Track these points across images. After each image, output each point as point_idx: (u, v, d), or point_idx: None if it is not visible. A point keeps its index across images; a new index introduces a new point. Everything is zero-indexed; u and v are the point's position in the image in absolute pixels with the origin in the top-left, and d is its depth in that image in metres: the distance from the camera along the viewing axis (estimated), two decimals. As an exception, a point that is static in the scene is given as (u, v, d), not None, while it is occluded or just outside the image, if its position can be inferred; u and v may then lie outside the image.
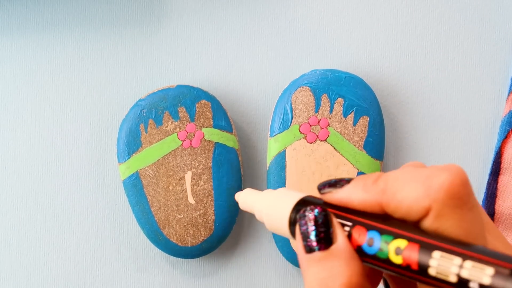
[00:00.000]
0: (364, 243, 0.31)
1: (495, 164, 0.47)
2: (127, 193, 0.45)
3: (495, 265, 0.27)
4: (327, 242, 0.32)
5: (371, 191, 0.32)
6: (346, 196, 0.32)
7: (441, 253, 0.29)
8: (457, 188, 0.29)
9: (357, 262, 0.31)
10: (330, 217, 0.33)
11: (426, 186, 0.30)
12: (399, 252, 0.30)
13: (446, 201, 0.29)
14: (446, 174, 0.29)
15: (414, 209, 0.30)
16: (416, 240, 0.29)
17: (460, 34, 0.49)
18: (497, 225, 0.47)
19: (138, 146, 0.45)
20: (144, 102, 0.45)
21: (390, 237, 0.30)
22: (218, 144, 0.46)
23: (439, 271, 0.29)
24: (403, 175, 0.31)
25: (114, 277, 0.48)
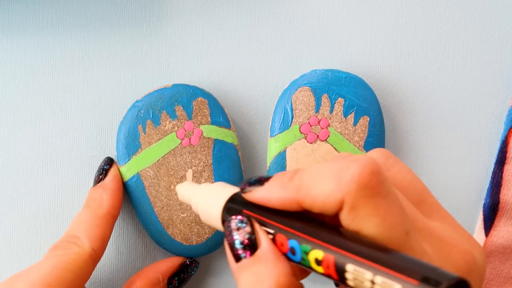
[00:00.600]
0: (287, 251, 0.32)
1: (500, 153, 0.48)
2: (129, 195, 0.45)
3: (401, 281, 0.27)
4: (252, 248, 0.33)
5: (287, 189, 0.32)
6: (265, 195, 0.33)
7: (354, 266, 0.29)
8: (367, 178, 0.29)
9: (283, 264, 0.32)
10: (252, 223, 0.33)
11: (337, 180, 0.30)
12: (318, 263, 0.30)
13: (357, 193, 0.29)
14: (355, 166, 0.30)
15: (328, 204, 0.30)
16: (330, 251, 0.30)
17: (460, 34, 0.49)
18: (502, 214, 0.48)
19: (137, 147, 0.45)
20: (141, 103, 0.45)
21: (308, 247, 0.30)
22: (217, 140, 0.46)
23: (356, 284, 0.29)
24: (316, 170, 0.31)
25: (114, 277, 0.48)
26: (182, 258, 0.46)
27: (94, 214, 0.41)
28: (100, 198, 0.42)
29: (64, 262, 0.38)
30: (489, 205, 0.48)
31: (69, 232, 0.41)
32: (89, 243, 0.40)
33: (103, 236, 0.41)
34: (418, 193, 0.34)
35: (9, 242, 0.47)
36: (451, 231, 0.33)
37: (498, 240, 0.48)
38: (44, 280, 0.37)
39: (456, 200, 0.49)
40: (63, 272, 0.38)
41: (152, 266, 0.45)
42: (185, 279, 0.46)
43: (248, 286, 0.32)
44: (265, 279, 0.31)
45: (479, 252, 0.33)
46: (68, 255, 0.39)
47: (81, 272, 0.38)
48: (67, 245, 0.40)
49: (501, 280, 0.48)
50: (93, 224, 0.41)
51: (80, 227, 0.41)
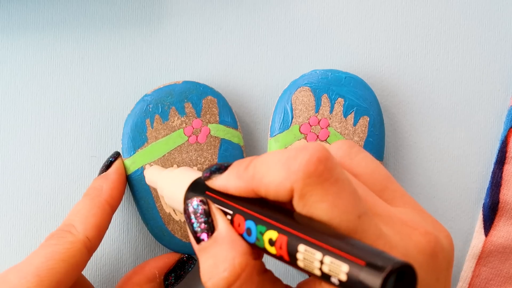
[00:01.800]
0: (243, 232, 0.32)
1: (500, 153, 0.48)
2: (131, 188, 0.45)
3: (350, 262, 0.27)
4: (210, 230, 0.34)
5: (243, 178, 0.33)
6: (224, 183, 0.34)
7: (305, 246, 0.29)
8: (314, 165, 0.30)
9: (239, 244, 0.32)
10: (209, 206, 0.34)
11: (286, 168, 0.30)
12: (271, 243, 0.31)
13: (304, 180, 0.30)
14: (303, 153, 0.30)
15: (280, 192, 0.31)
16: (284, 232, 0.30)
17: (460, 34, 0.49)
18: (502, 214, 0.48)
19: (144, 141, 0.45)
20: (150, 97, 0.45)
21: (264, 227, 0.31)
22: (224, 140, 0.46)
23: (306, 265, 0.29)
24: (268, 158, 0.32)
25: (114, 276, 0.48)
26: (179, 254, 0.46)
27: (92, 203, 0.41)
28: (100, 187, 0.42)
29: (57, 252, 0.38)
30: (489, 205, 0.48)
31: (65, 220, 0.41)
32: (83, 232, 0.40)
33: (99, 225, 0.41)
34: (381, 180, 0.35)
35: (9, 242, 0.47)
36: (414, 215, 0.33)
37: (498, 240, 0.48)
38: (36, 272, 0.37)
39: (456, 200, 0.49)
40: (56, 263, 0.38)
41: (149, 262, 0.45)
42: (181, 275, 0.46)
43: (207, 268, 0.33)
44: (222, 261, 0.32)
45: (445, 235, 0.33)
46: (62, 244, 0.39)
47: (75, 261, 0.38)
48: (62, 233, 0.39)
49: (501, 280, 0.48)
50: (89, 213, 0.41)
51: (76, 215, 0.41)
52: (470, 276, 0.48)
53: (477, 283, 0.48)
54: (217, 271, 0.32)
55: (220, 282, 0.32)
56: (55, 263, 0.38)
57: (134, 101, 0.46)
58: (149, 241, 0.48)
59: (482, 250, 0.48)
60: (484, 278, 0.48)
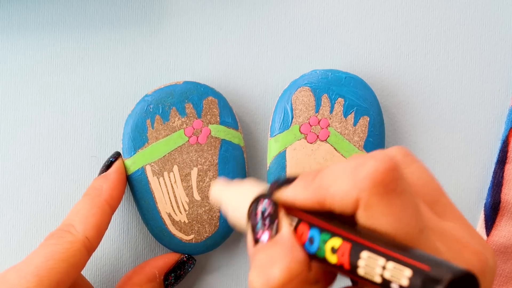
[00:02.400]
0: (306, 241, 0.32)
1: (501, 153, 0.48)
2: (131, 188, 0.45)
3: (413, 267, 0.27)
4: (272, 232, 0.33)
5: (310, 189, 0.32)
6: (291, 196, 0.33)
7: (369, 253, 0.29)
8: (382, 175, 0.29)
9: (298, 251, 0.31)
10: (277, 208, 0.33)
11: (353, 177, 0.30)
12: (334, 251, 0.30)
13: (371, 190, 0.29)
14: (371, 162, 0.29)
15: (346, 202, 0.30)
16: (348, 239, 0.30)
17: (460, 34, 0.49)
18: (503, 214, 0.47)
19: (144, 141, 0.45)
20: (150, 98, 0.45)
21: (328, 235, 0.31)
22: (225, 141, 0.46)
23: (367, 272, 0.29)
24: (335, 168, 0.31)
25: (114, 276, 0.48)
26: (179, 254, 0.46)
27: (92, 203, 0.41)
28: (100, 187, 0.42)
29: (57, 251, 0.38)
30: (490, 204, 0.48)
31: (65, 220, 0.41)
32: (83, 232, 0.40)
33: (98, 225, 0.41)
34: (433, 192, 0.34)
35: (9, 242, 0.47)
36: (464, 231, 0.33)
37: (499, 239, 0.48)
38: (36, 271, 0.37)
39: (456, 200, 0.48)
40: (56, 263, 0.38)
41: (149, 262, 0.45)
42: (181, 275, 0.46)
43: (260, 265, 0.31)
44: (277, 261, 0.31)
45: (491, 254, 0.33)
46: (61, 244, 0.39)
47: (74, 261, 0.38)
48: (61, 233, 0.39)
49: (502, 280, 0.48)
50: (89, 212, 0.41)
51: (76, 215, 0.41)
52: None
53: (478, 282, 0.48)
54: (271, 270, 0.30)
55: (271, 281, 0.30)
56: (55, 263, 0.38)
57: (134, 101, 0.46)
58: (149, 241, 0.48)
59: (483, 250, 0.48)
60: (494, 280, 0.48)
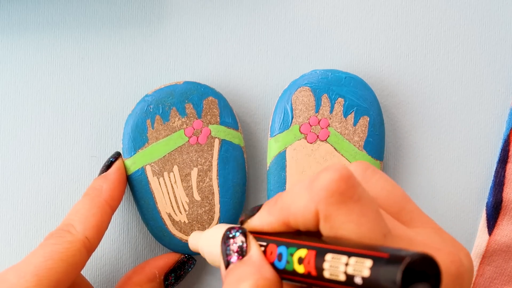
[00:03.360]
0: (275, 259, 0.32)
1: (503, 152, 0.48)
2: (131, 188, 0.45)
3: (373, 257, 0.27)
4: (241, 254, 0.34)
5: (273, 213, 0.33)
6: (258, 223, 0.34)
7: (332, 254, 0.29)
8: (336, 184, 0.29)
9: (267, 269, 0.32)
10: (246, 233, 0.34)
11: (309, 191, 0.30)
12: (300, 261, 0.31)
13: (327, 200, 0.29)
14: (324, 174, 0.30)
15: (307, 217, 0.30)
16: (312, 247, 0.30)
17: (460, 34, 0.49)
18: (505, 213, 0.47)
19: (144, 141, 0.45)
20: (151, 98, 0.45)
21: (294, 248, 0.31)
22: (225, 141, 0.46)
23: (332, 273, 0.29)
24: (293, 188, 0.32)
25: (114, 276, 0.48)
26: (179, 254, 0.46)
27: (92, 203, 0.41)
28: (100, 188, 0.42)
29: (56, 251, 0.38)
30: (492, 204, 0.48)
31: (65, 220, 0.41)
32: (83, 232, 0.40)
33: (98, 225, 0.40)
34: (398, 201, 0.34)
35: (9, 242, 0.47)
36: (434, 235, 0.33)
37: (501, 239, 0.47)
38: (35, 271, 0.37)
39: (457, 200, 0.49)
40: (55, 262, 0.38)
41: (149, 262, 0.45)
42: (181, 275, 0.46)
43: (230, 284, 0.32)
44: (246, 278, 0.32)
45: (465, 254, 0.33)
46: (61, 244, 0.38)
47: (74, 261, 0.38)
48: (61, 233, 0.39)
49: (504, 279, 0.48)
50: (89, 212, 0.41)
51: (76, 215, 0.41)
52: (474, 276, 0.48)
53: (481, 282, 0.48)
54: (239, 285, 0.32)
55: None
56: (54, 262, 0.38)
57: (134, 101, 0.46)
58: (149, 241, 0.48)
59: (486, 249, 0.48)
60: (488, 277, 0.48)
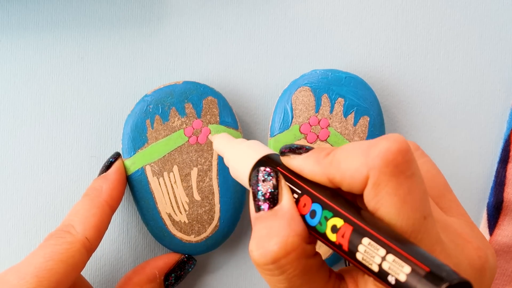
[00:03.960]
0: (307, 213, 0.32)
1: (504, 152, 0.47)
2: (131, 189, 0.45)
3: (413, 264, 0.27)
4: (272, 202, 0.33)
5: (321, 164, 0.32)
6: (300, 165, 0.33)
7: (370, 241, 0.29)
8: (393, 155, 0.29)
9: (297, 224, 0.32)
10: (279, 179, 0.34)
11: (366, 155, 0.30)
12: (334, 230, 0.30)
13: (382, 169, 0.29)
14: (384, 142, 0.30)
15: (356, 179, 0.30)
16: (351, 222, 0.30)
17: (461, 34, 0.49)
18: (506, 213, 0.47)
19: (144, 142, 0.45)
20: (150, 98, 0.45)
21: (330, 213, 0.31)
22: None
23: (365, 258, 0.29)
24: (349, 146, 0.31)
25: (114, 276, 0.47)
26: (179, 254, 0.46)
27: (91, 203, 0.41)
28: (100, 188, 0.42)
29: (56, 252, 0.38)
30: (493, 204, 0.47)
31: (65, 220, 0.41)
32: (83, 232, 0.40)
33: (98, 226, 0.40)
34: (440, 187, 0.34)
35: (9, 242, 0.47)
36: (467, 228, 0.33)
37: (502, 239, 0.47)
38: (35, 272, 0.37)
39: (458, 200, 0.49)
40: (55, 263, 0.38)
41: (149, 262, 0.45)
42: (182, 276, 0.45)
43: (258, 238, 0.32)
44: (275, 234, 0.31)
45: (492, 253, 0.33)
46: (61, 244, 0.38)
47: (74, 261, 0.38)
48: (61, 234, 0.39)
49: (505, 279, 0.48)
50: (89, 213, 0.41)
51: (76, 216, 0.41)
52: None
53: (481, 282, 0.48)
54: (268, 243, 0.31)
55: (268, 254, 0.31)
56: (54, 263, 0.38)
57: (134, 101, 0.46)
58: (149, 241, 0.48)
59: (486, 250, 0.48)
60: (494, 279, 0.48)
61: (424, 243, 0.30)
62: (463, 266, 0.31)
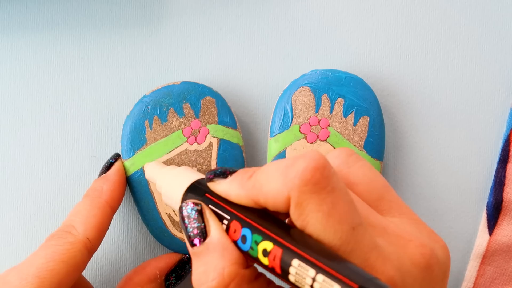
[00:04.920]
0: (238, 239, 0.32)
1: (503, 152, 0.47)
2: (131, 189, 0.45)
3: (342, 283, 0.27)
4: (202, 236, 0.34)
5: (244, 187, 0.33)
6: (226, 189, 0.34)
7: (299, 262, 0.29)
8: (310, 173, 0.30)
9: (231, 253, 0.32)
10: (203, 211, 0.34)
11: (284, 177, 0.30)
12: (265, 254, 0.31)
13: (301, 188, 0.30)
14: (301, 161, 0.30)
15: (278, 201, 0.31)
16: (279, 244, 0.30)
17: (460, 34, 0.49)
18: (506, 213, 0.47)
19: (143, 142, 0.45)
20: (148, 99, 0.45)
21: (260, 237, 0.31)
22: (223, 140, 0.45)
23: (297, 280, 0.29)
24: (268, 168, 0.32)
25: (114, 276, 0.47)
26: (180, 254, 0.46)
27: (92, 204, 0.41)
28: (100, 189, 0.42)
29: (57, 252, 0.38)
30: (493, 204, 0.47)
31: (66, 221, 0.41)
32: (84, 233, 0.40)
33: (99, 226, 0.40)
34: (378, 189, 0.35)
35: (9, 242, 0.47)
36: (410, 226, 0.33)
37: (502, 239, 0.47)
38: (36, 273, 0.37)
39: (456, 200, 0.49)
40: (56, 264, 0.38)
41: (150, 262, 0.45)
42: (182, 276, 0.46)
43: (197, 275, 0.32)
44: (212, 269, 0.32)
45: (441, 246, 0.33)
46: (62, 245, 0.38)
47: (75, 262, 0.38)
48: (62, 234, 0.39)
49: (505, 279, 0.48)
50: (89, 213, 0.41)
51: (76, 216, 0.41)
52: (475, 276, 0.48)
53: (481, 282, 0.48)
54: (206, 279, 0.32)
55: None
56: (55, 264, 0.38)
57: (134, 101, 0.46)
58: (149, 241, 0.48)
59: (486, 249, 0.48)
60: (489, 277, 0.48)
61: (356, 254, 0.30)
62: (406, 266, 0.31)
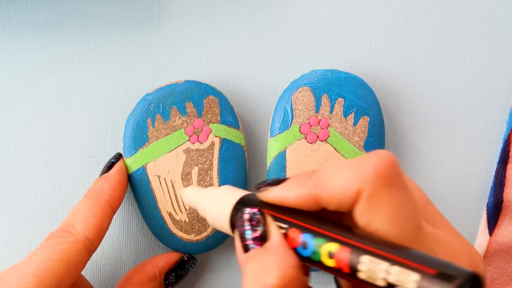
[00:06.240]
0: (299, 245, 0.32)
1: (503, 152, 0.47)
2: (132, 187, 0.45)
3: (419, 271, 0.27)
4: (262, 240, 0.33)
5: (305, 185, 0.32)
6: (281, 194, 0.33)
7: (370, 257, 0.29)
8: (385, 168, 0.30)
9: (291, 257, 0.32)
10: (264, 216, 0.33)
11: (356, 171, 0.30)
12: (331, 255, 0.30)
13: (375, 181, 0.30)
14: (374, 157, 0.30)
15: (347, 194, 0.30)
16: (346, 244, 0.30)
17: (460, 34, 0.49)
18: (506, 213, 0.47)
19: (145, 140, 0.45)
20: (151, 97, 0.45)
21: (323, 240, 0.31)
22: (225, 140, 0.46)
23: (369, 275, 0.29)
24: (335, 165, 0.32)
25: (114, 276, 0.48)
26: (179, 253, 0.46)
27: (92, 203, 0.41)
28: (101, 188, 0.42)
29: (57, 252, 0.38)
30: (493, 204, 0.48)
31: (65, 220, 0.41)
32: (83, 232, 0.40)
33: (99, 226, 0.40)
34: (421, 200, 0.35)
35: (9, 242, 0.47)
36: (453, 237, 0.33)
37: (502, 239, 0.47)
38: (36, 272, 0.37)
39: (457, 201, 0.49)
40: (55, 263, 0.38)
41: (150, 261, 0.45)
42: (182, 275, 0.46)
43: (254, 274, 0.32)
44: (272, 268, 0.31)
45: (480, 259, 0.33)
46: (61, 244, 0.38)
47: (74, 261, 0.38)
48: (62, 233, 0.39)
49: (505, 279, 0.48)
50: (90, 213, 0.41)
51: (76, 216, 0.41)
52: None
53: (480, 282, 0.48)
54: (266, 278, 0.31)
55: None
56: (55, 263, 0.38)
57: (134, 101, 0.46)
58: (149, 240, 0.48)
59: (486, 250, 0.48)
60: (489, 278, 0.48)
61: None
62: None
